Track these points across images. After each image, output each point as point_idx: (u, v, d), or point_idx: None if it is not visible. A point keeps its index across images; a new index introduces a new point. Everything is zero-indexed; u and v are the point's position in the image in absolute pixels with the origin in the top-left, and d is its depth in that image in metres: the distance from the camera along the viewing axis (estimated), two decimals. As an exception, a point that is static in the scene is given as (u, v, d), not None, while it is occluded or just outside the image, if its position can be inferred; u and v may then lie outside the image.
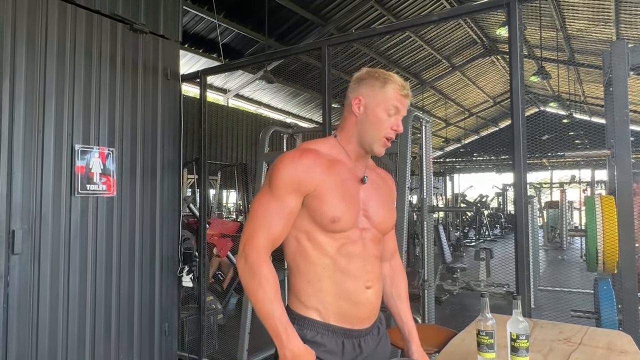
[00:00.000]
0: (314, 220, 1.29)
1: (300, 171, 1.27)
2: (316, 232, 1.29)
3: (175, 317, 3.55)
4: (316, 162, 1.30)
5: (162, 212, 3.45)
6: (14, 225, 2.55)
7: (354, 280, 1.30)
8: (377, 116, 1.32)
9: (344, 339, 1.30)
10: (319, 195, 1.27)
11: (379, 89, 1.33)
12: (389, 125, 1.33)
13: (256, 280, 1.21)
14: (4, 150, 2.53)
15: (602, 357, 1.50)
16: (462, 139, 21.17)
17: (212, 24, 8.14)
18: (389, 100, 1.32)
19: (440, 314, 4.63)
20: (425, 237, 3.33)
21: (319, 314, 1.30)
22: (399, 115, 1.35)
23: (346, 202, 1.30)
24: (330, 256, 1.29)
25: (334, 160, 1.34)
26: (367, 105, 1.34)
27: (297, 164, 1.28)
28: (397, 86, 1.34)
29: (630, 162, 2.06)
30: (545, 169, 17.21)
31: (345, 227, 1.29)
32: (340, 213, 1.27)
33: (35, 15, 2.70)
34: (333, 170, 1.31)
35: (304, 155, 1.31)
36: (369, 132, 1.33)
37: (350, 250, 1.31)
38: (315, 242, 1.30)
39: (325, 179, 1.29)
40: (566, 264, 9.17)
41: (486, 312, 1.38)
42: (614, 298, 2.15)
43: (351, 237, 1.31)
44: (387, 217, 1.41)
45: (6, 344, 2.50)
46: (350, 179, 1.34)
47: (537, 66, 10.56)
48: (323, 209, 1.27)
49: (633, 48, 2.13)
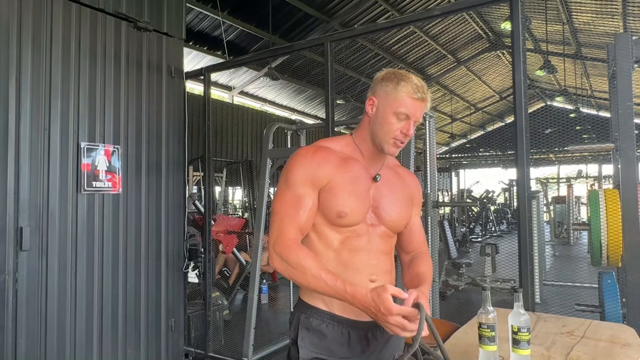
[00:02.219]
0: (323, 213, 1.31)
1: (313, 166, 1.30)
2: (323, 225, 1.32)
3: (182, 313, 3.59)
4: (328, 158, 1.33)
5: (167, 208, 3.48)
6: (22, 222, 2.59)
7: (357, 273, 1.31)
8: (386, 119, 1.31)
9: (350, 329, 1.31)
10: (330, 189, 1.30)
11: (392, 90, 1.31)
12: (398, 129, 1.30)
13: (300, 271, 1.21)
14: (11, 148, 2.57)
15: (604, 350, 1.50)
16: (468, 135, 21.08)
17: (216, 21, 8.15)
18: (400, 104, 1.29)
19: (445, 309, 4.64)
20: (429, 232, 3.33)
21: (324, 304, 1.32)
22: (410, 120, 1.31)
23: (355, 198, 1.31)
24: (334, 249, 1.31)
25: (347, 157, 1.36)
26: (379, 106, 1.33)
27: (311, 160, 1.32)
28: (409, 89, 1.29)
29: (635, 155, 2.05)
30: (553, 164, 17.10)
31: (352, 222, 1.31)
32: (347, 208, 1.29)
33: (40, 14, 2.73)
34: (345, 167, 1.34)
35: (317, 151, 1.34)
36: (379, 133, 1.33)
37: (355, 244, 1.32)
38: (321, 234, 1.32)
39: (337, 175, 1.31)
40: (572, 259, 9.12)
41: (488, 305, 1.38)
42: (617, 291, 2.15)
43: (357, 231, 1.32)
44: (400, 216, 1.40)
45: (15, 338, 2.54)
46: (362, 177, 1.35)
47: (543, 60, 10.47)
48: (332, 203, 1.29)
49: (637, 41, 2.12)
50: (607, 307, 2.13)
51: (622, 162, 2.06)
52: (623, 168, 2.05)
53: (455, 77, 14.84)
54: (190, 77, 3.76)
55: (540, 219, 6.23)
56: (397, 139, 1.32)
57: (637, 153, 2.09)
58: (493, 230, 14.27)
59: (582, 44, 11.43)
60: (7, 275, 2.52)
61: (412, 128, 1.31)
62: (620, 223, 2.04)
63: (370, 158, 1.39)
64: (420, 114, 1.33)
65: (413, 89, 1.29)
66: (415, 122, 1.33)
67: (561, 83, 14.28)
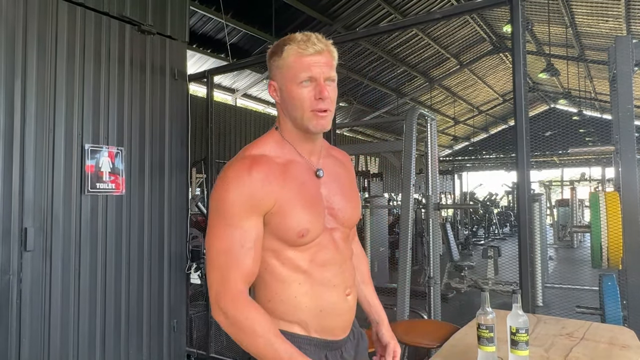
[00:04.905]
0: (278, 237, 1.11)
1: (253, 188, 1.07)
2: (283, 249, 1.12)
3: (184, 314, 3.61)
4: (269, 172, 1.10)
5: (170, 210, 3.50)
6: (26, 222, 2.61)
7: (334, 290, 1.17)
8: (292, 94, 1.11)
9: (327, 351, 1.18)
10: (280, 211, 1.09)
11: (281, 62, 1.11)
12: (310, 97, 1.10)
13: (249, 332, 1.03)
14: (16, 149, 2.60)
15: (603, 352, 1.51)
16: (471, 137, 21.05)
17: (219, 24, 8.20)
18: (295, 70, 1.10)
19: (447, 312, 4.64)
20: (431, 234, 3.34)
21: (300, 328, 1.15)
22: (318, 80, 1.10)
23: (311, 209, 1.13)
24: (303, 270, 1.13)
25: (286, 162, 1.15)
26: (280, 86, 1.14)
27: (248, 180, 1.07)
28: (295, 48, 1.10)
29: (635, 157, 2.05)
30: (556, 166, 17.06)
31: (315, 236, 1.14)
32: (307, 224, 1.11)
33: (45, 17, 2.76)
34: (288, 174, 1.13)
35: (253, 166, 1.09)
36: (295, 114, 1.13)
37: (324, 258, 1.16)
38: (284, 259, 1.13)
39: (284, 189, 1.10)
40: (575, 262, 9.09)
41: (487, 307, 1.40)
42: (618, 294, 2.15)
43: (322, 243, 1.16)
44: (353, 210, 1.26)
45: (19, 338, 2.56)
46: (308, 179, 1.17)
47: (546, 63, 10.47)
48: (287, 225, 1.10)
49: (637, 44, 2.13)
50: (607, 310, 2.14)
51: (622, 164, 2.07)
52: (623, 170, 2.06)
53: (458, 79, 14.85)
54: (193, 79, 3.79)
55: (543, 222, 6.22)
56: (316, 109, 1.10)
57: (638, 156, 2.09)
58: (496, 233, 14.25)
59: (585, 46, 11.42)
60: (12, 276, 2.55)
61: (325, 88, 1.10)
62: (620, 225, 2.05)
63: (307, 152, 1.19)
64: (327, 68, 1.11)
65: (300, 47, 1.09)
66: (327, 79, 1.11)
67: (564, 86, 14.26)
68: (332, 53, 1.14)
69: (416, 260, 4.87)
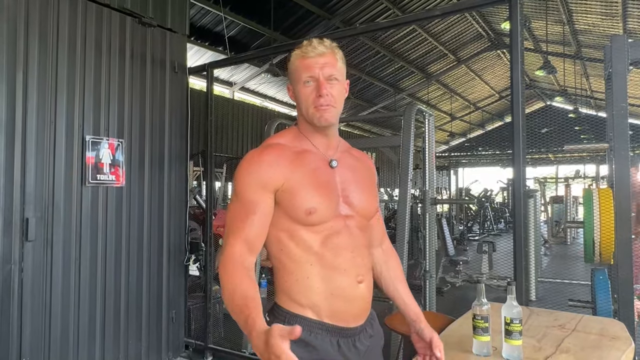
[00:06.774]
0: (290, 216, 1.20)
1: (263, 169, 1.20)
2: (296, 229, 1.21)
3: (182, 305, 3.65)
4: (280, 156, 1.23)
5: (169, 202, 3.53)
6: (27, 213, 2.64)
7: (344, 275, 1.22)
8: (299, 93, 1.25)
9: (339, 338, 1.21)
10: (289, 189, 1.20)
11: (291, 67, 1.27)
12: (313, 94, 1.22)
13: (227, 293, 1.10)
14: (18, 140, 2.61)
15: (594, 342, 1.56)
16: (467, 133, 21.12)
17: (218, 17, 8.18)
18: (299, 72, 1.24)
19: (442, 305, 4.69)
20: (427, 228, 3.39)
21: (312, 312, 1.20)
22: (319, 81, 1.22)
23: (321, 191, 1.22)
24: (314, 252, 1.21)
25: (301, 151, 1.26)
26: (293, 88, 1.29)
27: (258, 162, 1.21)
28: (299, 53, 1.24)
29: (628, 155, 2.10)
30: (551, 163, 17.16)
31: (324, 217, 1.21)
32: (315, 203, 1.19)
33: (46, 9, 2.77)
34: (301, 161, 1.24)
35: (264, 152, 1.24)
36: (303, 111, 1.26)
37: (336, 242, 1.22)
38: (297, 239, 1.21)
39: (294, 171, 1.21)
40: (568, 258, 9.19)
41: (482, 298, 1.44)
42: (609, 288, 2.21)
43: (335, 228, 1.23)
44: (370, 201, 1.33)
45: (21, 327, 2.60)
46: (322, 167, 1.26)
47: (543, 60, 10.51)
48: (296, 203, 1.19)
49: (632, 43, 2.16)
50: (599, 303, 2.19)
51: (615, 161, 2.11)
52: (616, 167, 2.10)
53: (456, 75, 14.88)
54: (193, 72, 3.80)
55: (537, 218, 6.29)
56: (317, 105, 1.22)
57: (631, 153, 2.14)
58: (491, 229, 14.34)
59: (582, 44, 11.47)
60: (13, 265, 2.57)
61: (324, 86, 1.21)
62: (612, 221, 2.10)
63: (322, 145, 1.29)
64: (327, 68, 1.23)
65: (303, 51, 1.24)
66: (328, 78, 1.23)
67: (561, 83, 14.32)
68: (336, 55, 1.27)
69: (412, 255, 4.92)
